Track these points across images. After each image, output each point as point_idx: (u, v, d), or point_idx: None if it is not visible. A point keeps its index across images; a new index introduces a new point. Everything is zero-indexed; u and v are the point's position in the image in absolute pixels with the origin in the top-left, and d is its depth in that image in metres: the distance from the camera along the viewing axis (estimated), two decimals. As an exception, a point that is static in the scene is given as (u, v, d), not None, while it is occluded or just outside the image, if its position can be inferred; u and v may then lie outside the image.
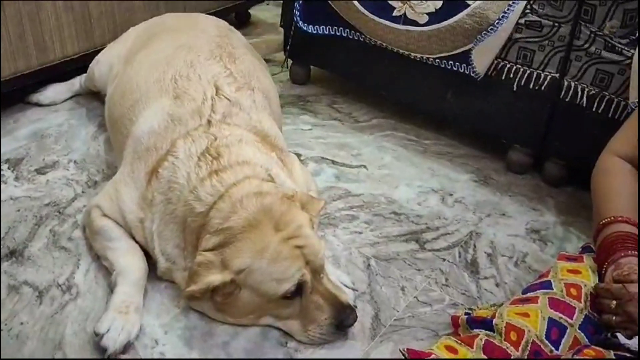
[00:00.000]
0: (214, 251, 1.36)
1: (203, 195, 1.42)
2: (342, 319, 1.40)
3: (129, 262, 1.51)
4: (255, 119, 1.64)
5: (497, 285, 1.63)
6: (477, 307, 1.47)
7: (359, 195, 1.92)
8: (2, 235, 1.66)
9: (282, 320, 1.43)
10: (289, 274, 1.35)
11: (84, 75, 2.25)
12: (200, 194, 1.42)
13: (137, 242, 1.55)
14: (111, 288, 1.47)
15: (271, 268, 1.34)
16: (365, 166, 2.07)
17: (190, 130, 1.54)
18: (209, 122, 1.55)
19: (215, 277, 1.33)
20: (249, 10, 3.05)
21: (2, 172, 1.90)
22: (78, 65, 2.28)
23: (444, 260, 1.70)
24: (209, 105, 1.58)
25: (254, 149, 1.53)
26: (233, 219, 1.37)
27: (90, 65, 2.19)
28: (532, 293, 1.29)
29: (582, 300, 1.26)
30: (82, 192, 1.85)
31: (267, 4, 3.07)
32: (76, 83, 2.30)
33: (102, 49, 2.29)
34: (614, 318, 1.22)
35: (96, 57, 2.16)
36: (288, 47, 2.41)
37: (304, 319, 1.40)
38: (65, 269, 1.57)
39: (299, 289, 1.37)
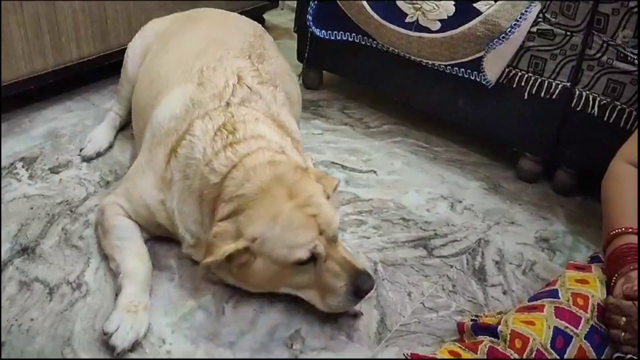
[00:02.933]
0: (229, 220, 1.39)
1: (217, 167, 1.45)
2: (359, 285, 1.40)
3: (136, 264, 1.52)
4: (274, 110, 1.67)
5: (504, 293, 1.62)
6: (484, 314, 1.47)
7: (368, 200, 1.93)
8: (15, 233, 1.68)
9: (300, 290, 1.44)
10: (302, 242, 1.37)
11: (114, 104, 2.18)
12: (214, 166, 1.45)
13: (161, 225, 1.58)
14: (117, 289, 1.48)
15: (284, 235, 1.36)
16: (375, 171, 2.08)
17: (209, 110, 1.57)
18: (227, 103, 1.59)
19: (229, 246, 1.36)
20: (264, 15, 3.07)
21: (17, 171, 1.93)
22: (94, 66, 2.31)
23: (452, 267, 1.70)
24: (229, 91, 1.62)
25: (269, 128, 1.57)
26: (246, 186, 1.40)
27: (129, 44, 2.12)
28: (538, 301, 1.29)
29: (589, 311, 1.26)
30: (94, 191, 1.87)
31: (282, 9, 3.09)
32: (112, 119, 2.15)
33: (117, 50, 2.33)
34: (622, 334, 1.22)
35: (136, 35, 2.12)
36: (306, 54, 2.42)
37: (321, 287, 1.41)
38: (75, 266, 1.59)
39: (313, 258, 1.39)
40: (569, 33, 1.79)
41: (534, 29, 1.84)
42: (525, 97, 1.94)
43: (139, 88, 1.90)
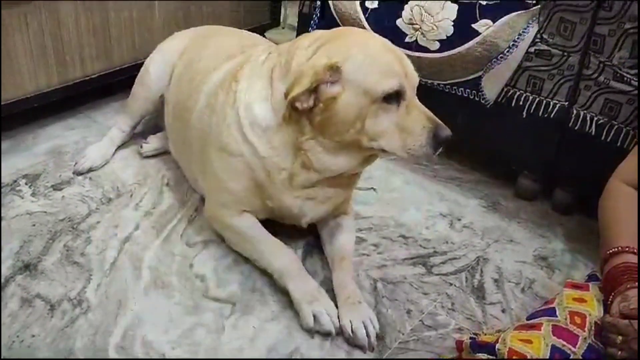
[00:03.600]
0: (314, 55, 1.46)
1: (280, 56, 1.56)
2: (439, 132, 1.44)
3: (283, 260, 1.59)
4: None
5: (503, 311, 1.63)
6: (483, 332, 1.48)
7: (367, 217, 1.94)
8: (17, 250, 1.70)
9: (381, 137, 1.45)
10: (395, 70, 1.42)
11: (119, 120, 2.21)
12: (278, 59, 1.55)
13: (262, 188, 1.60)
14: (279, 287, 1.56)
15: (376, 61, 1.42)
16: (374, 189, 2.10)
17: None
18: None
19: (319, 62, 1.39)
20: (265, 34, 3.11)
21: (20, 188, 1.95)
22: (97, 84, 2.33)
23: (451, 284, 1.71)
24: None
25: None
26: (321, 33, 1.51)
27: (143, 66, 2.15)
28: (536, 320, 1.30)
29: (586, 329, 1.26)
30: (96, 208, 1.89)
31: (283, 28, 3.12)
32: (114, 136, 2.17)
33: (120, 69, 2.36)
34: (619, 353, 1.22)
35: (150, 56, 2.15)
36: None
37: (403, 130, 1.44)
38: (77, 283, 1.60)
39: (398, 95, 1.42)
40: (566, 53, 1.82)
41: (532, 49, 1.87)
42: (524, 116, 1.96)
43: (173, 97, 1.97)
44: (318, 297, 1.49)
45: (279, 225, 1.73)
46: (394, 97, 1.43)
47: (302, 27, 2.41)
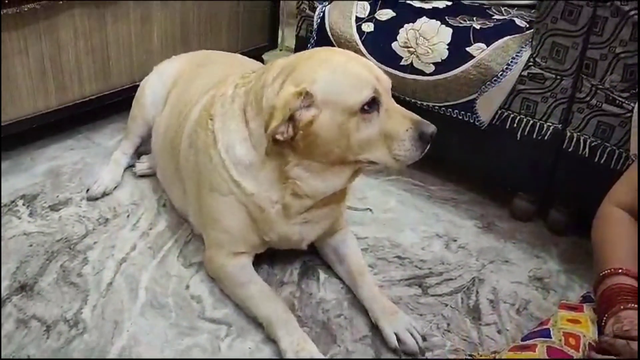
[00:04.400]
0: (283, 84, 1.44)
1: (246, 91, 1.57)
2: (423, 129, 1.44)
3: (271, 308, 1.55)
4: None
5: (499, 332, 1.64)
6: (478, 353, 1.48)
7: (363, 238, 1.95)
8: (14, 270, 1.70)
9: (367, 149, 1.45)
10: (365, 78, 1.42)
11: (122, 143, 2.24)
12: (244, 90, 1.58)
13: (254, 219, 1.59)
14: (266, 334, 1.53)
15: (344, 74, 1.42)
16: (370, 209, 2.11)
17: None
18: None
19: (288, 92, 1.39)
20: (263, 56, 3.14)
21: (17, 208, 1.95)
22: (95, 105, 2.35)
23: (446, 305, 1.71)
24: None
25: None
26: (284, 61, 1.50)
27: (139, 88, 2.18)
28: (530, 341, 1.30)
29: (581, 350, 1.27)
30: (93, 229, 1.89)
31: (280, 50, 3.16)
32: (119, 158, 2.18)
33: (119, 90, 2.38)
34: None
35: (146, 78, 2.18)
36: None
37: (387, 138, 1.44)
38: (73, 304, 1.61)
39: (376, 101, 1.42)
40: (558, 77, 1.85)
41: (525, 73, 1.89)
42: (518, 138, 1.98)
43: (164, 126, 1.98)
44: (305, 346, 1.46)
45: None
46: (372, 105, 1.42)
47: (300, 50, 2.43)
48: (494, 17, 2.07)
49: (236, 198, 1.58)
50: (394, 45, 2.07)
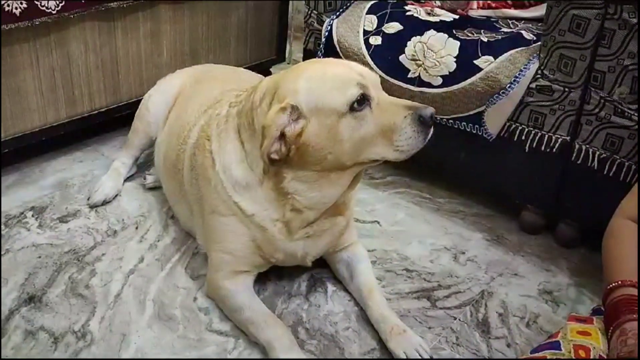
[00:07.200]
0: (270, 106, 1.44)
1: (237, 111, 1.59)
2: (420, 112, 1.38)
3: (272, 332, 1.52)
4: None
5: (508, 345, 1.62)
6: (487, 367, 1.47)
7: (371, 250, 1.94)
8: (22, 282, 1.71)
9: (367, 148, 1.41)
10: (348, 78, 1.39)
11: (122, 152, 2.25)
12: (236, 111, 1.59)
13: (254, 237, 1.59)
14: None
15: (325, 79, 1.40)
16: (378, 222, 2.10)
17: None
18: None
19: (274, 111, 1.38)
20: (270, 69, 3.16)
21: (26, 220, 1.96)
22: (104, 118, 2.37)
23: (455, 318, 1.70)
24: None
25: None
26: (268, 81, 1.50)
27: (142, 102, 2.19)
28: (539, 353, 1.29)
29: (591, 363, 1.26)
30: (102, 240, 1.90)
31: (288, 63, 3.17)
32: (119, 167, 2.20)
33: (128, 103, 2.40)
34: None
35: (148, 93, 2.19)
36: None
37: (386, 131, 1.39)
38: (81, 316, 1.61)
39: (365, 97, 1.38)
40: (567, 89, 1.85)
41: (533, 85, 1.89)
42: (526, 151, 1.98)
43: (165, 144, 1.99)
44: None
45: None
46: (362, 102, 1.38)
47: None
48: (501, 30, 2.07)
49: (237, 219, 1.58)
50: (402, 58, 2.08)
